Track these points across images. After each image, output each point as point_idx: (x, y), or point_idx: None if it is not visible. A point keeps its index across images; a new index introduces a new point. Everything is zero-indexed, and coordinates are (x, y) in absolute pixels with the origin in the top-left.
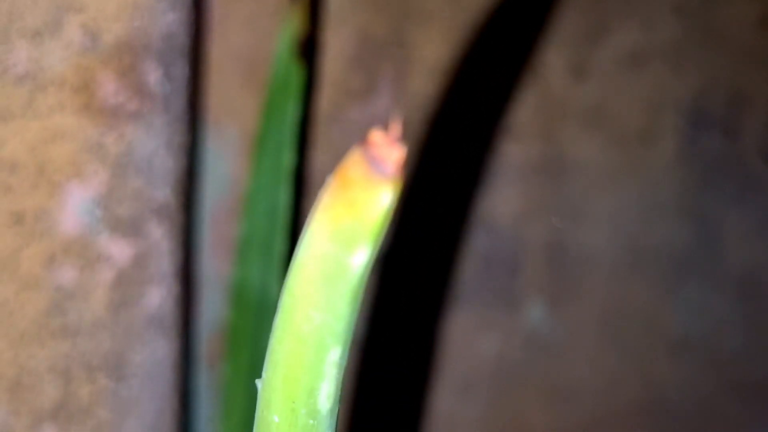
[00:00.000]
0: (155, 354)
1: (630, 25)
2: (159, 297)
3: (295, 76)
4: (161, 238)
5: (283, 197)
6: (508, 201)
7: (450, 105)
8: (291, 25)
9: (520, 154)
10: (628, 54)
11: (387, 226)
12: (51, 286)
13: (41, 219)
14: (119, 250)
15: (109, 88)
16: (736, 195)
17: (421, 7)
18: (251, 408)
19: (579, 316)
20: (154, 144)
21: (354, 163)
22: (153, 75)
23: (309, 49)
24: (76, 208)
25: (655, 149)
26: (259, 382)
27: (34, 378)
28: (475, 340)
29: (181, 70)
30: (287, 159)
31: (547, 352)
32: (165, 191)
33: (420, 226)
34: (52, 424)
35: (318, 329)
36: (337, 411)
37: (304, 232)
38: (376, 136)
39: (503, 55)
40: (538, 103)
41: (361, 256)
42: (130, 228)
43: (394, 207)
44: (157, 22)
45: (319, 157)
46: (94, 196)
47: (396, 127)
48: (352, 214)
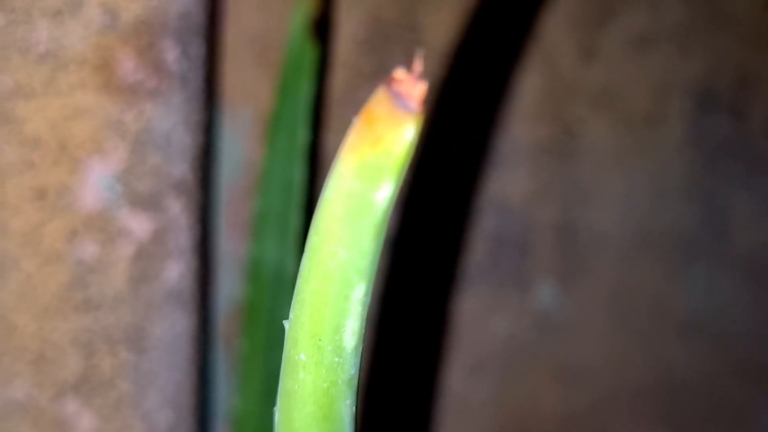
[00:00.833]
0: (174, 327)
1: (637, 8)
2: (178, 271)
3: (308, 57)
4: (179, 213)
5: (298, 174)
6: (518, 182)
7: (459, 87)
8: (304, 8)
9: (530, 135)
10: (635, 37)
11: (409, 161)
12: (73, 260)
13: (63, 194)
14: (139, 225)
15: (128, 66)
16: (743, 176)
17: None
18: (268, 381)
19: (588, 297)
20: (172, 121)
21: (379, 100)
22: (171, 53)
23: (322, 31)
24: (96, 183)
25: (663, 131)
26: (286, 323)
27: (57, 351)
28: (486, 321)
29: (198, 48)
30: (301, 137)
31: (557, 332)
32: (183, 167)
33: (431, 207)
34: (75, 395)
35: (343, 266)
36: (361, 349)
37: (331, 172)
38: (400, 73)
39: (512, 37)
40: (547, 86)
41: (385, 192)
42: (150, 203)
43: (416, 143)
44: (175, 2)
45: (332, 138)
46: (115, 171)
47: (418, 64)
48: (377, 150)
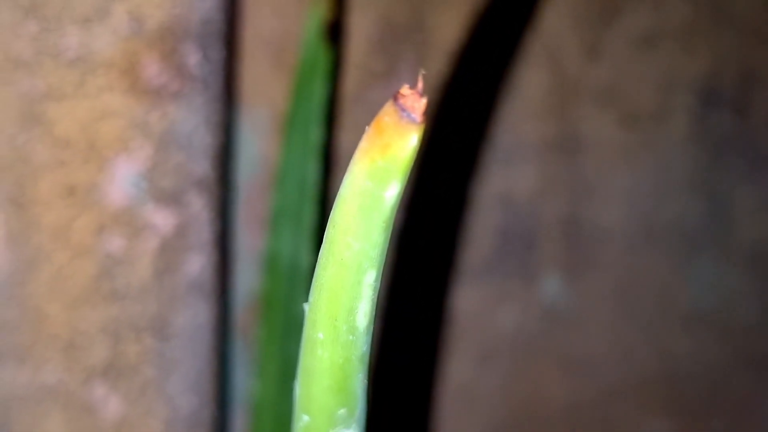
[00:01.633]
0: (196, 317)
1: (642, 6)
2: (199, 264)
3: (322, 58)
4: (201, 208)
5: (312, 171)
6: (525, 178)
7: (467, 85)
8: (318, 11)
9: (536, 132)
10: (640, 35)
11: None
12: (101, 253)
13: (92, 191)
14: (163, 220)
15: (152, 70)
16: (746, 171)
17: None
18: (285, 366)
19: (594, 290)
20: (194, 122)
21: (387, 112)
22: (193, 57)
23: (335, 34)
24: (123, 180)
25: (667, 127)
26: (306, 305)
27: (86, 338)
28: (493, 312)
29: (218, 53)
30: (316, 135)
31: (563, 324)
32: (204, 165)
33: (438, 202)
34: (102, 380)
35: (356, 255)
36: (372, 329)
37: (347, 174)
38: (405, 89)
39: (518, 36)
40: (554, 83)
41: (392, 190)
42: (173, 199)
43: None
44: (196, 9)
45: (345, 136)
46: (140, 169)
47: (421, 83)
48: (386, 155)
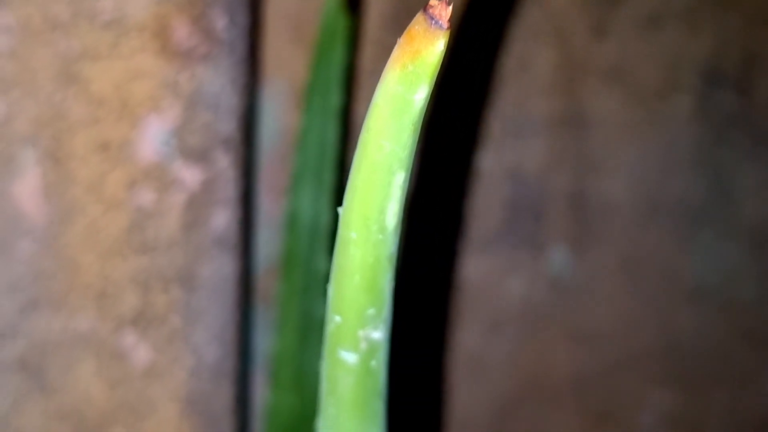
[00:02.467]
0: (221, 270)
1: None
2: (225, 219)
3: (341, 26)
4: (227, 166)
5: (332, 134)
6: (533, 152)
7: (476, 61)
8: None
9: (544, 108)
10: (646, 15)
11: (439, 69)
12: (132, 206)
13: (124, 147)
14: (191, 176)
15: (182, 33)
16: (749, 149)
17: None
18: (304, 322)
19: (600, 262)
20: (221, 83)
21: (417, 22)
22: (220, 22)
23: (354, 5)
24: (154, 138)
25: (671, 105)
26: (340, 209)
27: (117, 288)
28: (501, 283)
29: (244, 18)
30: (335, 100)
31: (569, 295)
32: (230, 125)
33: (448, 173)
34: (132, 329)
35: (387, 156)
36: (399, 230)
37: (379, 83)
38: (434, 1)
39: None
40: (561, 61)
41: (421, 93)
42: (200, 157)
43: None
44: None
45: (361, 109)
46: (170, 127)
47: None
48: (416, 60)
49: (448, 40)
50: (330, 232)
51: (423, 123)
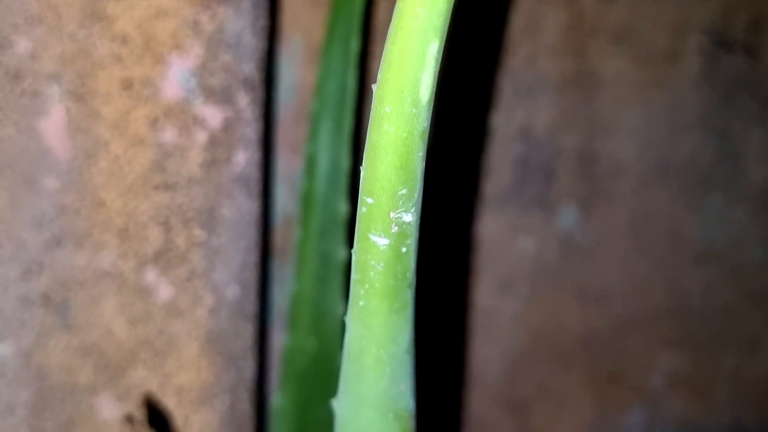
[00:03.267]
0: (240, 210)
1: None
2: (244, 158)
3: None
4: (246, 106)
5: (351, 79)
6: (545, 112)
7: (489, 22)
8: None
9: (555, 68)
10: None
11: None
12: (154, 144)
13: (146, 85)
14: (211, 115)
15: None
16: (757, 112)
17: None
18: (321, 265)
19: (609, 223)
20: (241, 24)
21: None
22: None
23: None
24: (175, 76)
25: (680, 68)
26: (374, 86)
27: (139, 226)
28: (513, 241)
29: None
30: (354, 46)
31: (579, 254)
32: (250, 65)
33: (461, 132)
34: (154, 266)
35: (423, 23)
36: (432, 104)
37: None
38: None
39: None
40: (572, 23)
41: None
42: (221, 96)
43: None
44: None
45: (378, 56)
46: (191, 67)
47: None
48: None
49: None
50: (348, 175)
51: (438, 79)
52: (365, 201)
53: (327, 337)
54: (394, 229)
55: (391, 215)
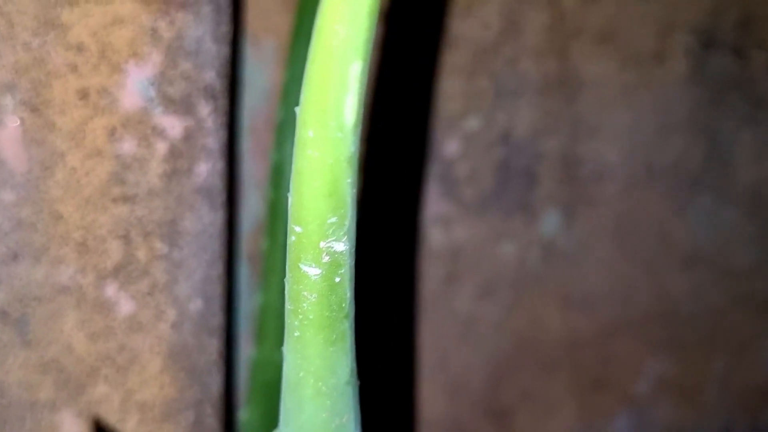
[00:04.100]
0: (203, 221)
1: None
2: (206, 170)
3: None
4: (208, 115)
5: None
6: (526, 115)
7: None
8: None
9: (538, 70)
10: None
11: None
12: (113, 155)
13: (103, 95)
14: (171, 125)
15: None
16: (746, 113)
17: None
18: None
19: (594, 227)
20: (201, 30)
21: None
22: None
23: None
24: (133, 86)
25: (667, 68)
26: (297, 109)
27: (97, 240)
28: (494, 246)
29: None
30: None
31: (563, 259)
32: (211, 73)
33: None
34: (114, 281)
35: (343, 42)
36: (359, 129)
37: None
38: None
39: None
40: (554, 23)
41: None
42: (181, 105)
43: None
44: None
45: None
46: (149, 75)
47: None
48: None
49: None
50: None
51: (411, 87)
52: (294, 230)
53: None
54: (326, 258)
55: (321, 245)
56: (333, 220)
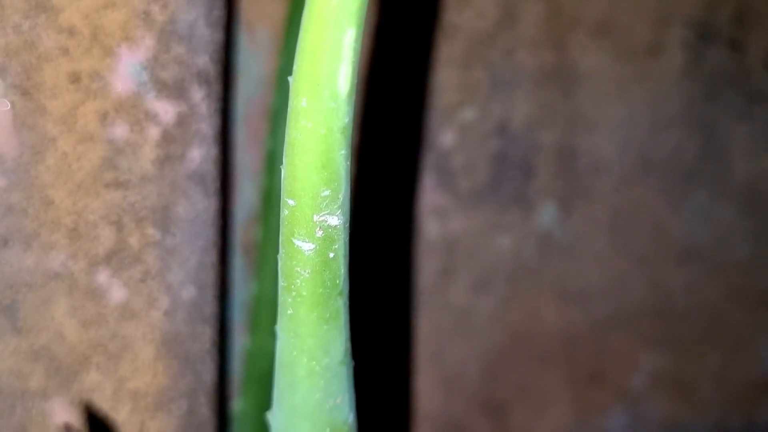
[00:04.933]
0: (196, 208)
1: None
2: (200, 155)
3: None
4: (201, 100)
5: None
6: (522, 107)
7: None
8: None
9: (534, 62)
10: None
11: None
12: (105, 140)
13: (95, 79)
14: (164, 110)
15: None
16: (742, 107)
17: None
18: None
19: (589, 220)
20: (194, 14)
21: None
22: None
23: None
24: (126, 70)
25: (663, 61)
26: (290, 78)
27: (89, 226)
28: (490, 239)
29: None
30: None
31: (558, 252)
32: (204, 58)
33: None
34: (106, 267)
35: (336, 10)
36: (353, 99)
37: None
38: None
39: None
40: (551, 15)
41: None
42: (174, 90)
43: None
44: None
45: None
46: (142, 59)
47: None
48: None
49: None
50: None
51: (409, 77)
52: (287, 203)
53: None
54: (319, 233)
55: (315, 218)
56: (326, 193)
